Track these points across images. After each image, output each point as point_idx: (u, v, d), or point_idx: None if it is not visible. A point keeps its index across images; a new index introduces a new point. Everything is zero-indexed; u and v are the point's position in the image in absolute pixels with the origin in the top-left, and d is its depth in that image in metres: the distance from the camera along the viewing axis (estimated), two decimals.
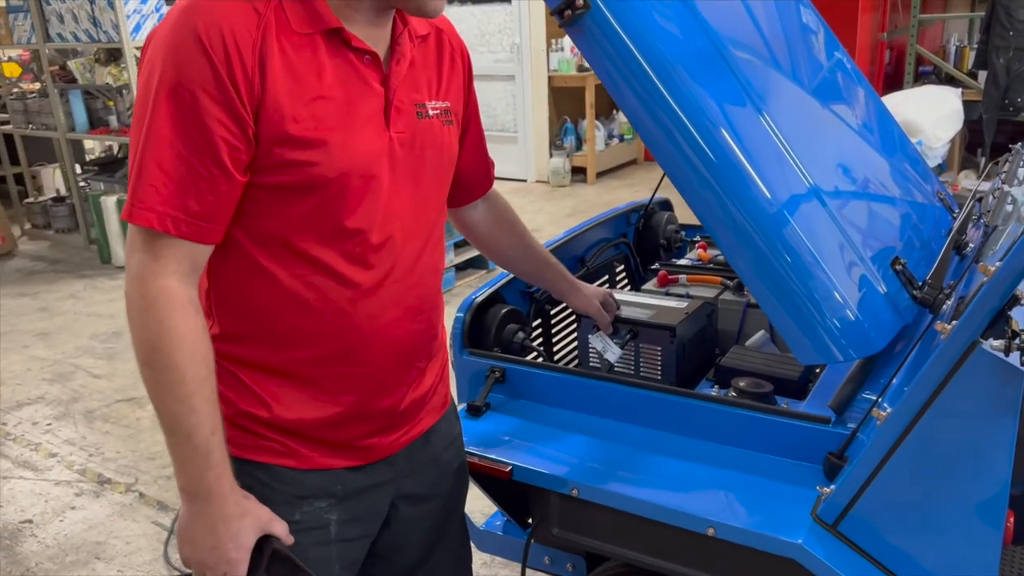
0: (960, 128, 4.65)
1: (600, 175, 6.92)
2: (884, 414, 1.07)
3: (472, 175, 1.36)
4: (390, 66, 1.07)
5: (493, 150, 1.45)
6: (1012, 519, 1.11)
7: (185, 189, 0.95)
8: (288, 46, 0.98)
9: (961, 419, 1.03)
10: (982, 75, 4.74)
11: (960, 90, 4.75)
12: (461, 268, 4.65)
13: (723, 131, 1.25)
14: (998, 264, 0.95)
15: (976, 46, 4.97)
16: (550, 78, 6.76)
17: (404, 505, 1.24)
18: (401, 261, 1.10)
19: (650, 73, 1.25)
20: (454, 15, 7.10)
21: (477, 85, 1.31)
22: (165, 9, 5.47)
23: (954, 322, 1.00)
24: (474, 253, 4.68)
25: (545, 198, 6.43)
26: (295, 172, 0.99)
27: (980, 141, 4.83)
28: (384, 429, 1.17)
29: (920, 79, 5.23)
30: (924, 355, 1.14)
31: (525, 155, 6.99)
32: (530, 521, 1.59)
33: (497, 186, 1.44)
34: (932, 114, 4.50)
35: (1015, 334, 0.92)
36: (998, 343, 0.92)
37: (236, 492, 0.99)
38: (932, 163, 4.39)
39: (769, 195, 1.24)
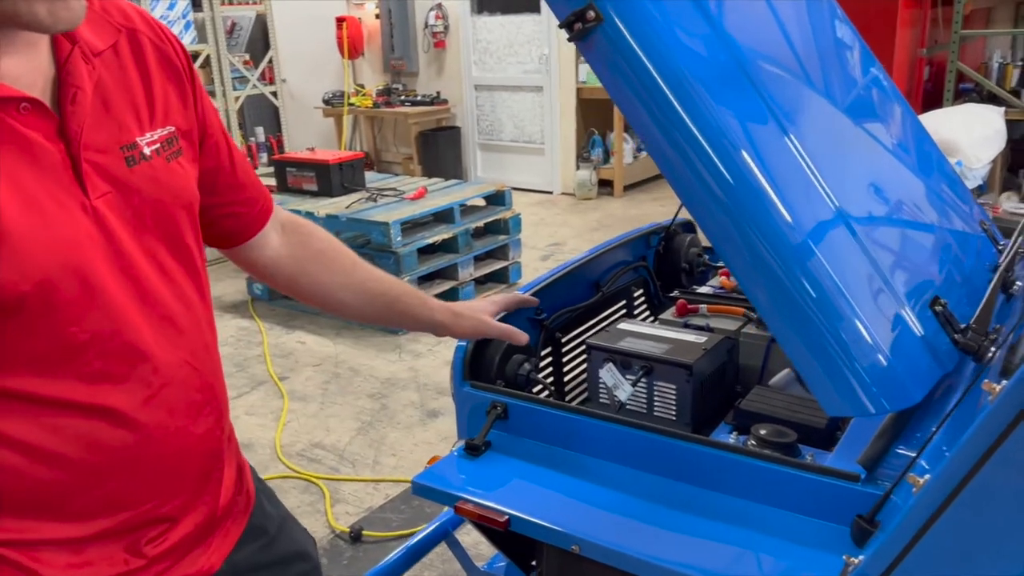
0: (1003, 148, 4.47)
1: (627, 188, 6.81)
2: (922, 480, 0.95)
3: (235, 204, 1.05)
4: (64, 108, 0.79)
5: (520, 161, 1.29)
6: None
7: None
8: None
9: (1010, 490, 0.91)
10: None
11: (1003, 109, 4.56)
12: (481, 282, 4.55)
13: (743, 153, 1.14)
14: None
15: (1021, 63, 4.78)
16: (578, 90, 6.67)
17: None
18: (164, 360, 0.87)
19: (666, 91, 1.14)
20: (483, 25, 7.05)
21: (504, 96, 1.17)
22: (192, 15, 5.46)
23: (1004, 382, 0.88)
24: (496, 266, 4.58)
25: (570, 211, 6.32)
26: None
27: (1023, 162, 4.64)
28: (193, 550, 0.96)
29: (961, 96, 5.05)
30: (968, 412, 1.01)
31: (551, 167, 6.90)
32: (533, 564, 1.49)
33: (522, 197, 1.28)
34: (973, 133, 4.32)
35: None
36: None
37: None
38: (972, 184, 4.22)
39: (792, 222, 1.13)
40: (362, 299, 1.18)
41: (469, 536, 2.26)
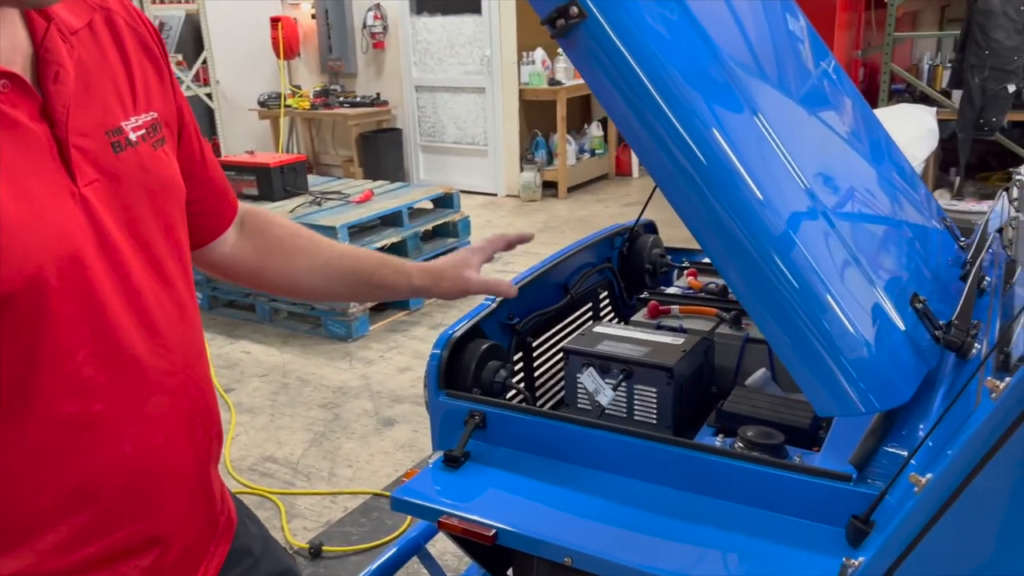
0: (935, 147, 4.62)
1: (571, 190, 6.82)
2: (924, 480, 0.95)
3: (205, 201, 0.99)
4: (46, 87, 0.72)
5: (464, 163, 1.23)
6: None
7: None
8: None
9: (1014, 487, 0.90)
10: (955, 93, 4.72)
11: (935, 109, 4.72)
12: None
13: (727, 149, 1.13)
14: None
15: (950, 65, 4.96)
16: (521, 91, 6.65)
17: None
18: (155, 367, 0.81)
19: (649, 87, 1.12)
20: (423, 26, 6.98)
21: (446, 97, 1.11)
22: None
23: (1008, 378, 0.88)
24: None
25: (516, 213, 6.30)
26: None
27: (954, 160, 4.81)
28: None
29: (894, 97, 5.21)
30: (964, 410, 1.01)
31: (495, 169, 6.86)
32: (509, 574, 1.45)
33: (467, 200, 1.21)
34: (907, 133, 4.45)
35: None
36: None
37: None
38: None
39: (775, 215, 1.12)
40: (333, 280, 1.11)
41: (434, 547, 2.21)
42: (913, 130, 4.50)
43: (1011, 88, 4.26)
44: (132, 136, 0.81)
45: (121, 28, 0.84)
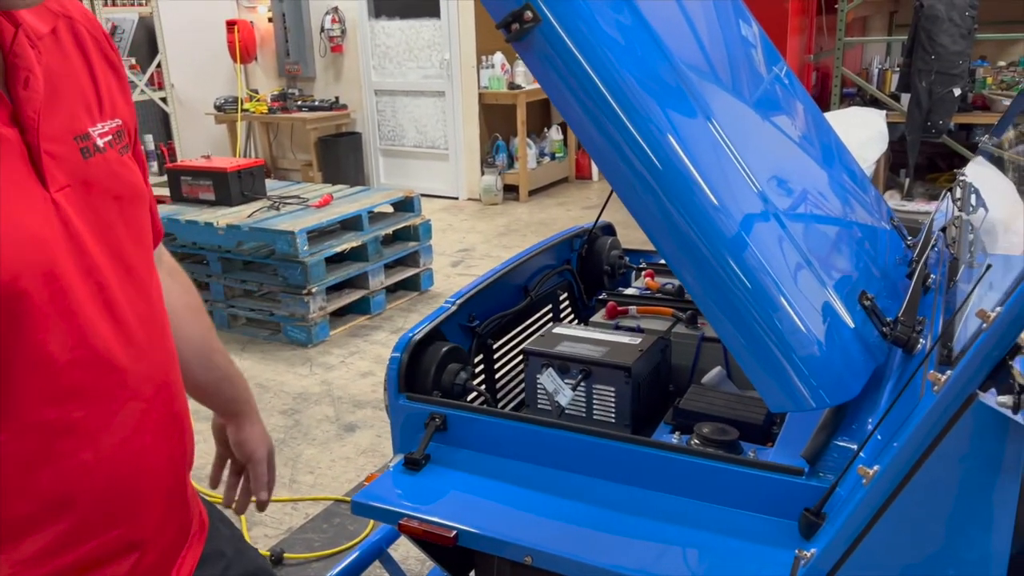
0: (885, 149, 4.73)
1: (532, 193, 6.85)
2: (871, 471, 0.98)
3: None
4: (15, 92, 0.72)
5: (424, 167, 1.25)
6: None
7: None
8: None
9: (957, 477, 0.94)
10: (905, 97, 4.84)
11: (884, 112, 4.84)
12: (392, 290, 4.47)
13: (679, 151, 1.15)
14: (998, 310, 0.86)
15: (898, 69, 5.09)
16: (481, 95, 6.66)
17: None
18: (132, 372, 0.81)
19: (603, 90, 1.14)
20: (382, 29, 6.95)
21: (406, 101, 1.12)
22: None
23: (949, 372, 0.91)
24: (407, 273, 4.51)
25: (477, 216, 6.30)
26: None
27: (903, 162, 4.94)
28: None
29: (845, 100, 5.33)
30: (909, 403, 1.05)
31: (456, 173, 6.86)
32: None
33: (428, 204, 1.24)
34: (858, 135, 4.56)
35: (1022, 388, 0.83)
36: (1005, 399, 0.83)
37: None
38: None
39: (726, 215, 1.15)
40: (203, 367, 1.12)
41: (396, 551, 2.20)
42: (864, 132, 4.61)
43: (957, 91, 4.38)
44: (99, 142, 0.81)
45: (83, 36, 0.84)
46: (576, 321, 2.03)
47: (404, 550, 2.24)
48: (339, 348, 3.93)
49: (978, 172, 1.82)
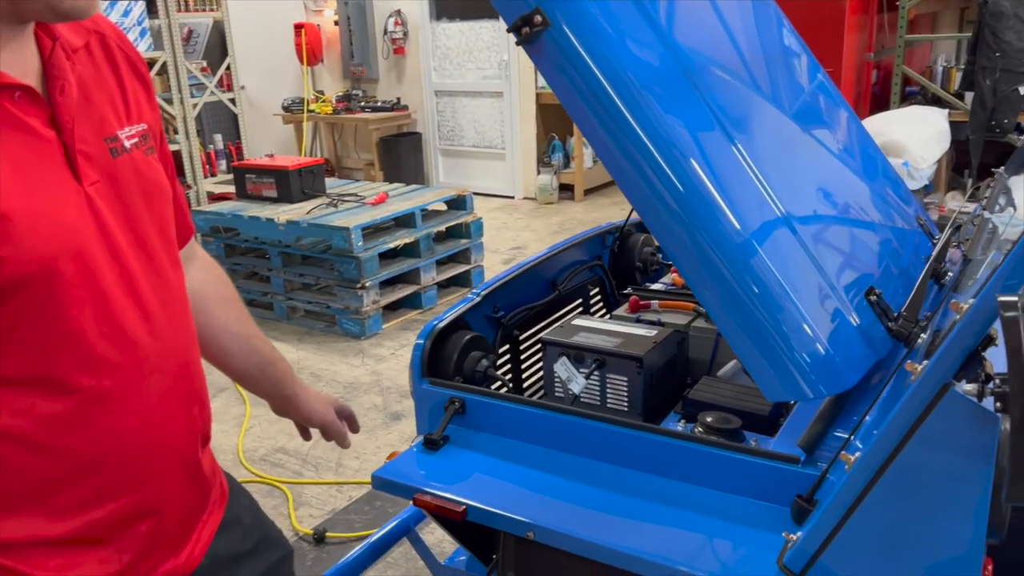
0: (947, 149, 4.62)
1: (588, 192, 6.88)
2: (853, 458, 1.01)
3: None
4: (53, 98, 0.83)
5: (482, 166, 1.32)
6: (991, 567, 1.04)
7: None
8: None
9: (933, 465, 0.96)
10: (969, 96, 4.71)
11: (947, 111, 4.72)
12: (443, 286, 4.58)
13: (690, 158, 1.19)
14: (971, 302, 0.89)
15: (963, 67, 4.95)
16: (538, 95, 6.73)
17: None
18: (154, 348, 0.90)
19: (613, 95, 1.19)
20: (442, 31, 7.08)
21: (465, 102, 1.19)
22: (148, 22, 5.42)
23: (925, 362, 0.94)
24: (459, 270, 4.61)
25: (532, 215, 6.38)
26: None
27: (967, 162, 4.80)
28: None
29: (907, 99, 5.21)
30: (897, 394, 1.07)
31: (512, 172, 6.95)
32: (494, 557, 1.52)
33: (484, 202, 1.31)
34: (918, 134, 4.47)
35: (988, 377, 0.86)
36: (971, 387, 0.86)
37: None
38: (918, 184, 4.35)
39: (737, 225, 1.18)
40: (243, 352, 1.22)
41: (433, 535, 2.29)
42: (924, 132, 4.51)
43: (1022, 90, 4.25)
44: (127, 143, 0.92)
45: (113, 50, 0.96)
46: (606, 316, 2.08)
47: (440, 534, 2.33)
48: (391, 340, 4.05)
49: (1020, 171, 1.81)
